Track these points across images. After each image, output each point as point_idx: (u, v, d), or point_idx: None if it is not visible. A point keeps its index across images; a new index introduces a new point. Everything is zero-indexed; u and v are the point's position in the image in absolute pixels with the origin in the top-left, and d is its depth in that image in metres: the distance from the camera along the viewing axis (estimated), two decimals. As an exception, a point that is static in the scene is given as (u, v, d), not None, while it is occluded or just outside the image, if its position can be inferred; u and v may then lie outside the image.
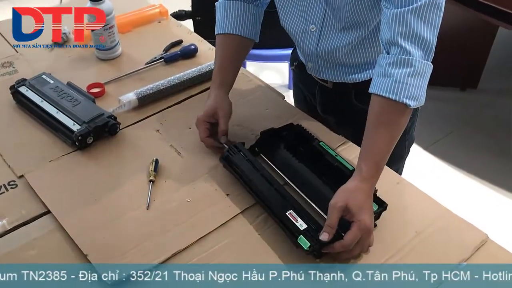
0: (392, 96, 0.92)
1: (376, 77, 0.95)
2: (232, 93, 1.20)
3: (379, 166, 0.95)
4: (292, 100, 1.46)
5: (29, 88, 1.28)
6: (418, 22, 0.90)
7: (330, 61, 1.17)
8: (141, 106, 1.30)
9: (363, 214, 0.91)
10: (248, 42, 1.20)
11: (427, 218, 1.03)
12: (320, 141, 1.12)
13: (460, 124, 2.64)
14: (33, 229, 1.00)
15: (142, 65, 1.45)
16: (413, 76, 0.91)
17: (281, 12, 1.17)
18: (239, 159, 1.08)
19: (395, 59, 0.92)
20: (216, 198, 1.07)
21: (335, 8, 1.07)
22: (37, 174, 1.11)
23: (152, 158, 1.13)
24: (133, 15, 1.65)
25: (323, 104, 1.30)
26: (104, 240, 0.98)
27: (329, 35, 1.12)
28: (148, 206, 1.04)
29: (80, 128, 1.17)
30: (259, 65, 2.90)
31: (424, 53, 0.92)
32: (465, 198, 2.22)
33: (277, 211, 0.99)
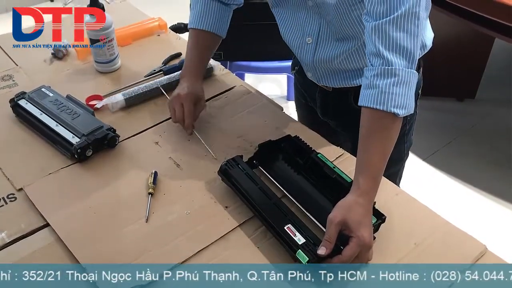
0: (380, 107, 0.93)
1: (363, 89, 0.97)
2: (231, 105, 1.20)
3: (376, 179, 0.96)
4: (291, 111, 1.47)
5: (29, 101, 1.29)
6: (397, 32, 0.92)
7: (327, 70, 1.21)
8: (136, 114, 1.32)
9: (362, 229, 0.91)
10: (219, 39, 1.30)
11: (426, 230, 1.03)
12: (318, 153, 1.12)
13: (459, 135, 2.65)
14: (32, 242, 1.00)
15: (141, 77, 1.46)
16: (398, 85, 0.93)
17: (281, 25, 1.24)
18: (237, 172, 1.08)
19: (379, 71, 0.94)
20: (215, 211, 1.07)
21: (329, 22, 1.12)
22: (36, 187, 1.11)
23: (151, 170, 1.13)
24: (132, 28, 1.66)
25: (323, 107, 1.33)
26: (103, 252, 0.98)
27: (324, 46, 1.17)
28: (147, 218, 1.05)
29: (79, 140, 1.17)
30: (258, 77, 2.91)
31: (407, 62, 0.93)
32: (464, 209, 2.22)
33: (275, 225, 0.99)
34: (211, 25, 1.26)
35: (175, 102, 1.21)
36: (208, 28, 1.25)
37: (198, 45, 1.28)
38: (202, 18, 1.25)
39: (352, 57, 1.15)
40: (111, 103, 1.33)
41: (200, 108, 1.25)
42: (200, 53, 1.29)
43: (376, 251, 0.97)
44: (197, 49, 1.28)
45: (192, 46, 1.28)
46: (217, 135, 1.24)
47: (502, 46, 2.80)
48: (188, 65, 1.28)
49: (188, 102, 1.20)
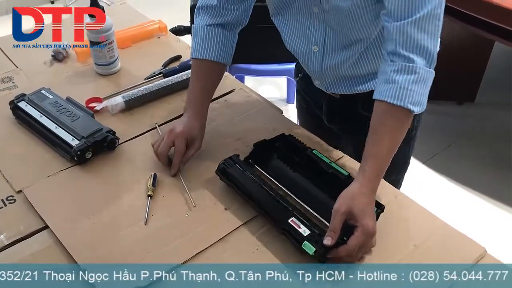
0: (397, 102, 0.94)
1: (380, 84, 0.98)
2: (231, 108, 1.20)
3: (381, 171, 0.97)
4: (290, 114, 1.47)
5: (29, 103, 1.29)
6: (419, 33, 0.93)
7: (336, 77, 1.18)
8: (136, 116, 1.31)
9: (366, 218, 0.93)
10: (224, 67, 1.24)
11: (425, 232, 1.03)
12: (313, 150, 1.13)
13: (458, 138, 2.65)
14: (31, 244, 1.00)
15: (141, 80, 1.46)
16: (417, 82, 0.94)
17: (284, 34, 1.19)
18: (236, 170, 1.09)
19: (399, 67, 0.95)
20: (214, 212, 1.07)
21: (335, 30, 1.09)
22: (36, 189, 1.11)
23: (150, 173, 1.13)
24: (132, 31, 1.66)
25: (330, 114, 1.31)
26: (102, 255, 0.98)
27: (332, 53, 1.14)
28: (146, 221, 1.04)
29: (79, 143, 1.17)
30: (257, 80, 2.92)
31: (426, 61, 0.95)
32: (463, 211, 2.22)
33: (279, 219, 0.99)
34: (214, 54, 1.18)
35: (167, 136, 1.14)
36: (211, 57, 1.18)
37: (201, 77, 1.21)
38: (204, 48, 1.18)
39: (361, 60, 1.13)
40: (111, 106, 1.33)
41: (193, 150, 1.16)
42: (204, 85, 1.21)
43: (375, 252, 0.97)
44: (199, 82, 1.20)
45: (195, 78, 1.21)
46: (216, 138, 1.24)
47: (502, 50, 2.80)
48: (191, 98, 1.21)
49: (180, 140, 1.13)
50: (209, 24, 1.18)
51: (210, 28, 1.18)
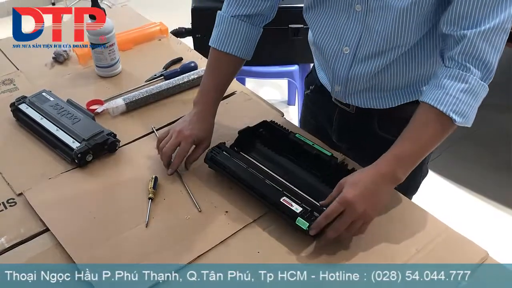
0: (440, 107, 0.92)
1: (430, 88, 0.95)
2: (232, 110, 1.20)
3: (399, 157, 0.95)
4: (291, 116, 1.47)
5: (29, 106, 1.29)
6: (484, 45, 0.90)
7: (360, 85, 1.13)
8: (137, 119, 1.31)
9: (350, 189, 0.94)
10: (242, 63, 1.21)
11: (427, 235, 1.03)
12: (296, 133, 1.16)
13: (459, 139, 2.64)
14: (31, 247, 1.00)
15: (142, 82, 1.46)
16: (466, 92, 0.91)
17: (314, 30, 1.14)
18: (224, 157, 1.12)
19: (452, 73, 0.92)
20: (215, 216, 1.07)
21: (373, 32, 1.03)
22: (36, 192, 1.11)
23: (151, 175, 1.13)
24: (133, 33, 1.66)
25: (341, 130, 1.26)
26: (103, 257, 0.97)
27: (363, 57, 1.08)
28: (147, 223, 1.04)
29: (80, 145, 1.17)
30: (258, 82, 2.92)
31: (483, 74, 0.92)
32: (465, 214, 2.21)
33: (272, 199, 1.03)
34: (237, 48, 1.14)
35: (175, 137, 1.12)
36: (233, 51, 1.14)
37: (217, 70, 1.17)
38: (227, 39, 1.14)
39: (390, 70, 1.08)
40: (112, 108, 1.33)
41: (201, 150, 1.15)
42: (219, 81, 1.18)
43: (377, 255, 0.97)
44: (214, 77, 1.17)
45: (210, 72, 1.18)
46: (217, 141, 1.23)
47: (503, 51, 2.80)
48: (204, 94, 1.17)
49: (186, 143, 1.12)
50: (235, 15, 1.14)
51: (236, 20, 1.14)
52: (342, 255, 0.99)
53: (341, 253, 0.99)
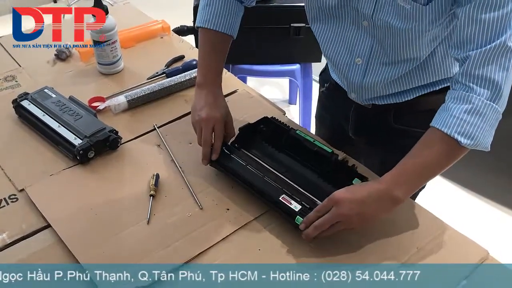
0: (444, 129, 0.89)
1: (438, 112, 0.93)
2: (234, 109, 1.20)
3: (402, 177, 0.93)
4: (293, 115, 1.47)
5: (31, 102, 1.29)
6: (487, 64, 0.88)
7: (376, 92, 1.13)
8: (139, 116, 1.32)
9: (344, 191, 0.94)
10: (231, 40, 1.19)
11: (428, 235, 1.03)
12: (297, 130, 1.16)
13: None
14: (33, 243, 1.00)
15: (144, 80, 1.46)
16: (471, 113, 0.88)
17: (323, 42, 1.14)
18: (225, 156, 1.12)
19: (456, 94, 0.91)
20: (216, 213, 1.07)
21: (384, 44, 1.03)
22: (38, 188, 1.11)
23: (153, 172, 1.13)
24: (135, 31, 1.66)
25: (357, 125, 1.26)
26: (104, 254, 0.97)
27: (376, 68, 1.08)
28: (149, 220, 1.04)
29: (82, 142, 1.17)
30: (260, 80, 2.92)
31: (491, 93, 0.89)
32: (466, 214, 2.21)
33: (271, 198, 1.03)
34: (229, 27, 1.14)
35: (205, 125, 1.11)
36: (227, 30, 1.14)
37: (217, 49, 1.17)
38: (220, 18, 1.13)
39: (407, 78, 1.08)
40: (114, 105, 1.33)
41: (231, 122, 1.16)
42: (220, 58, 1.17)
43: (378, 254, 0.98)
44: (216, 54, 1.17)
45: (210, 50, 1.16)
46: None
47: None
48: (208, 73, 1.16)
49: (220, 124, 1.12)
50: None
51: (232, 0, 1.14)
52: (343, 253, 0.99)
53: (341, 251, 0.99)
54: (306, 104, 2.43)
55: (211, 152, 1.12)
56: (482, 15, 0.86)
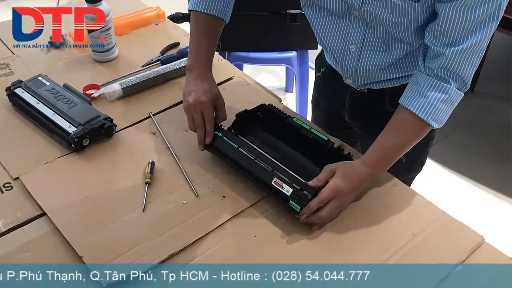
0: (421, 115, 0.98)
1: (411, 92, 1.00)
2: (230, 96, 1.20)
3: (384, 160, 1.03)
4: (289, 102, 1.47)
5: (25, 90, 1.28)
6: (461, 63, 0.95)
7: (370, 77, 1.15)
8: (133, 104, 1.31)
9: (345, 180, 0.99)
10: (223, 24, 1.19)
11: (424, 220, 1.03)
12: (293, 117, 1.16)
13: (457, 127, 2.65)
14: (28, 231, 1.00)
15: (139, 67, 1.45)
16: (445, 102, 0.98)
17: (316, 28, 1.15)
18: (221, 141, 1.12)
19: (433, 83, 0.97)
20: (212, 200, 1.07)
21: (377, 31, 1.06)
22: (33, 176, 1.10)
23: (148, 160, 1.13)
24: (130, 17, 1.65)
25: (353, 109, 1.27)
26: (100, 242, 0.97)
27: (370, 53, 1.10)
28: (144, 208, 1.04)
29: (76, 130, 1.17)
30: (256, 68, 2.90)
31: (460, 86, 0.98)
32: (461, 200, 2.22)
33: (264, 181, 1.03)
34: (222, 11, 1.14)
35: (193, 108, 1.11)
36: (219, 14, 1.14)
37: (208, 32, 1.16)
38: (213, 2, 1.13)
39: (401, 63, 1.11)
40: (108, 93, 1.32)
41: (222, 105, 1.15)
42: (211, 42, 1.17)
43: (374, 241, 0.98)
44: (207, 38, 1.16)
45: (201, 34, 1.16)
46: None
47: (502, 40, 2.79)
48: (198, 56, 1.16)
49: (208, 108, 1.11)
50: None
51: None
52: (339, 240, 0.99)
53: (338, 238, 0.99)
54: (303, 91, 2.42)
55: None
56: (459, 14, 0.91)
